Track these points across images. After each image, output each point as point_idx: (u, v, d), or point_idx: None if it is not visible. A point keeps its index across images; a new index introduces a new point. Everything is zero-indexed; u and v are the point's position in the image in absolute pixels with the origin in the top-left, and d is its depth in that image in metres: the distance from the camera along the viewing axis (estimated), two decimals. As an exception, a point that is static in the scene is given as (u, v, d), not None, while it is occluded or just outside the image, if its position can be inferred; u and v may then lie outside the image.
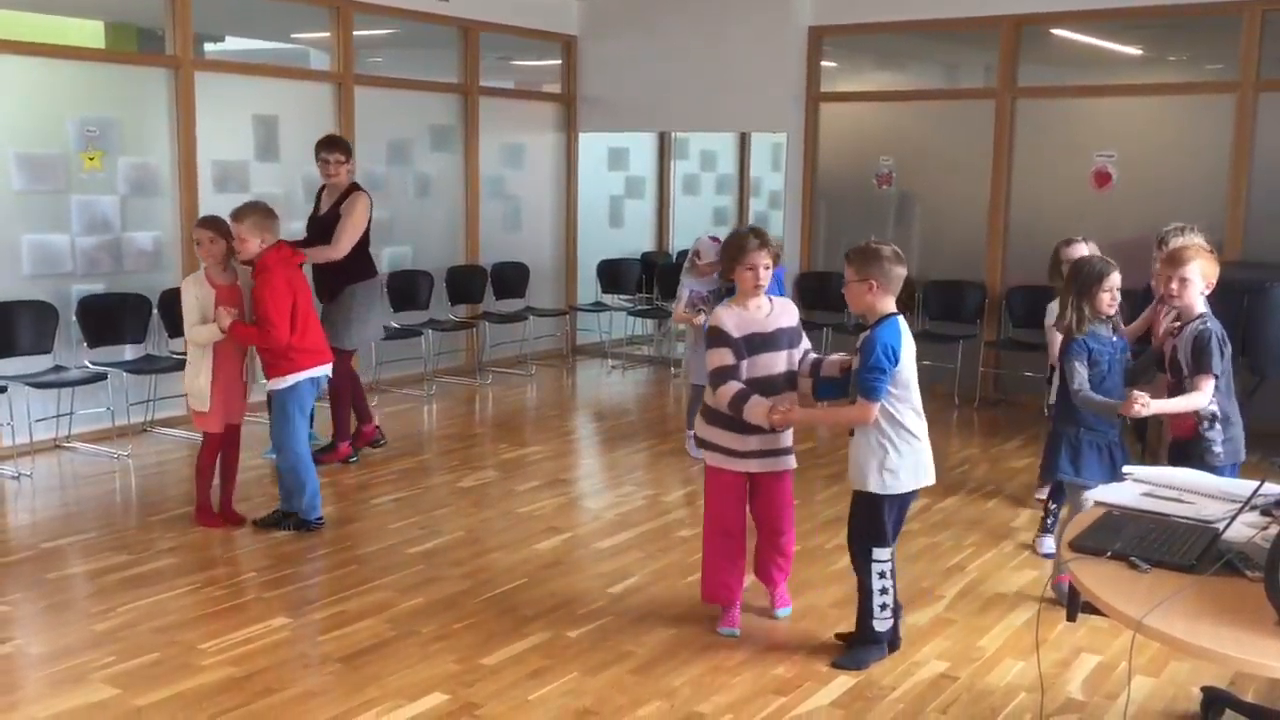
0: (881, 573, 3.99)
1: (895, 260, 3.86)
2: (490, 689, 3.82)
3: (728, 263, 4.18)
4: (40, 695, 3.73)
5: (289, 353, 5.19)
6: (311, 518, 5.37)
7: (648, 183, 11.72)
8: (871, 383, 3.80)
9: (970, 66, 9.51)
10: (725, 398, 4.01)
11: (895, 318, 3.85)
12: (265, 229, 5.15)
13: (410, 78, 9.24)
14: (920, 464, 3.96)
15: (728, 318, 4.08)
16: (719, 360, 4.05)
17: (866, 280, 3.86)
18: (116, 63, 7.47)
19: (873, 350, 3.79)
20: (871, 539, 4.00)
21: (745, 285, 4.13)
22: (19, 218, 6.68)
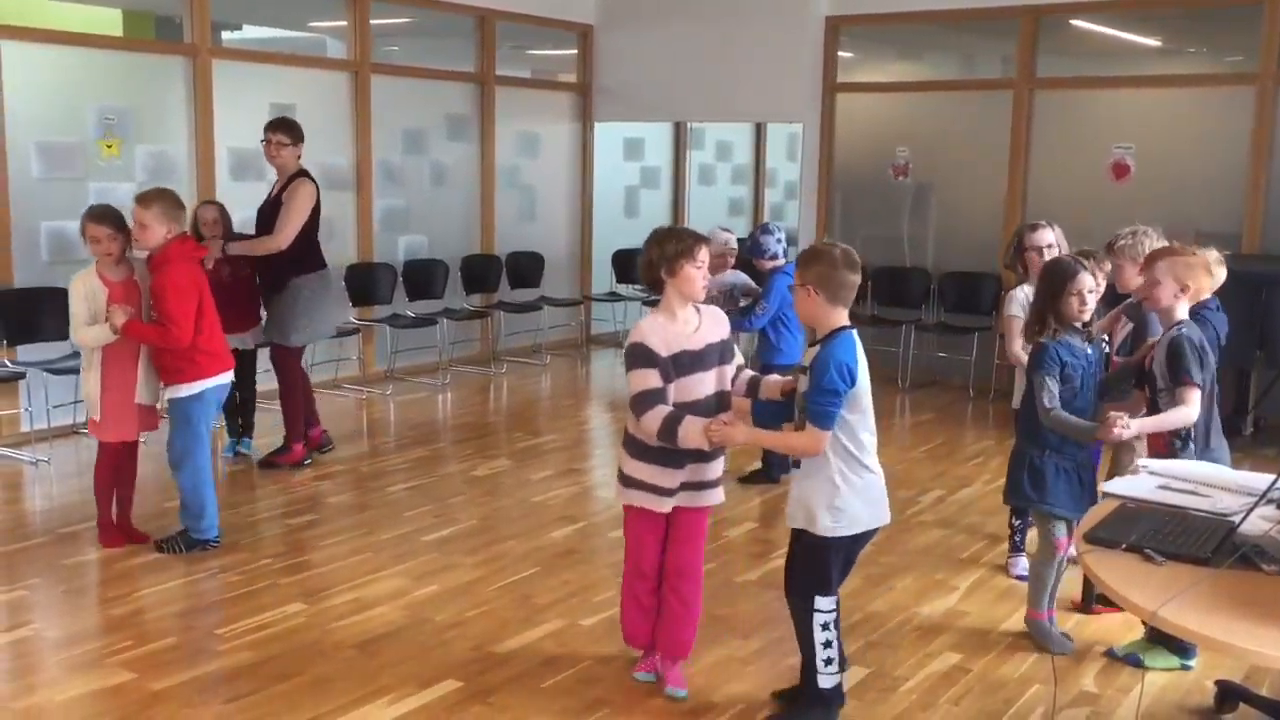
0: (825, 624, 3.48)
1: (843, 264, 3.31)
2: (504, 676, 3.83)
3: (671, 261, 3.46)
4: (57, 679, 3.76)
5: (193, 356, 4.70)
6: (209, 536, 4.90)
7: (663, 173, 11.70)
8: (823, 408, 3.28)
9: (988, 57, 9.46)
10: (653, 425, 3.42)
11: (848, 332, 3.35)
12: (173, 219, 4.68)
13: (426, 66, 9.24)
14: (874, 501, 3.45)
15: (653, 333, 3.47)
16: (643, 383, 3.45)
17: (805, 285, 3.35)
18: (135, 51, 7.50)
19: (825, 371, 3.26)
20: (815, 586, 3.48)
21: (691, 289, 3.50)
22: (39, 205, 6.72)
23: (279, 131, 6.04)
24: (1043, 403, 3.81)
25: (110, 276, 4.71)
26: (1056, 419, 3.80)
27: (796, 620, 3.55)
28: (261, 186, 7.82)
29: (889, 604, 4.55)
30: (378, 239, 8.66)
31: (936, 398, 8.34)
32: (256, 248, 5.96)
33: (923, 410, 8.03)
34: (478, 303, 9.38)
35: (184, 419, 4.81)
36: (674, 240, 3.49)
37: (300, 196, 5.95)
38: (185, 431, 4.81)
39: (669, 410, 3.43)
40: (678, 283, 3.49)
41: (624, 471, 3.67)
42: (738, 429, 3.45)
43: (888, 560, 5.03)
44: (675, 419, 3.41)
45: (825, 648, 3.49)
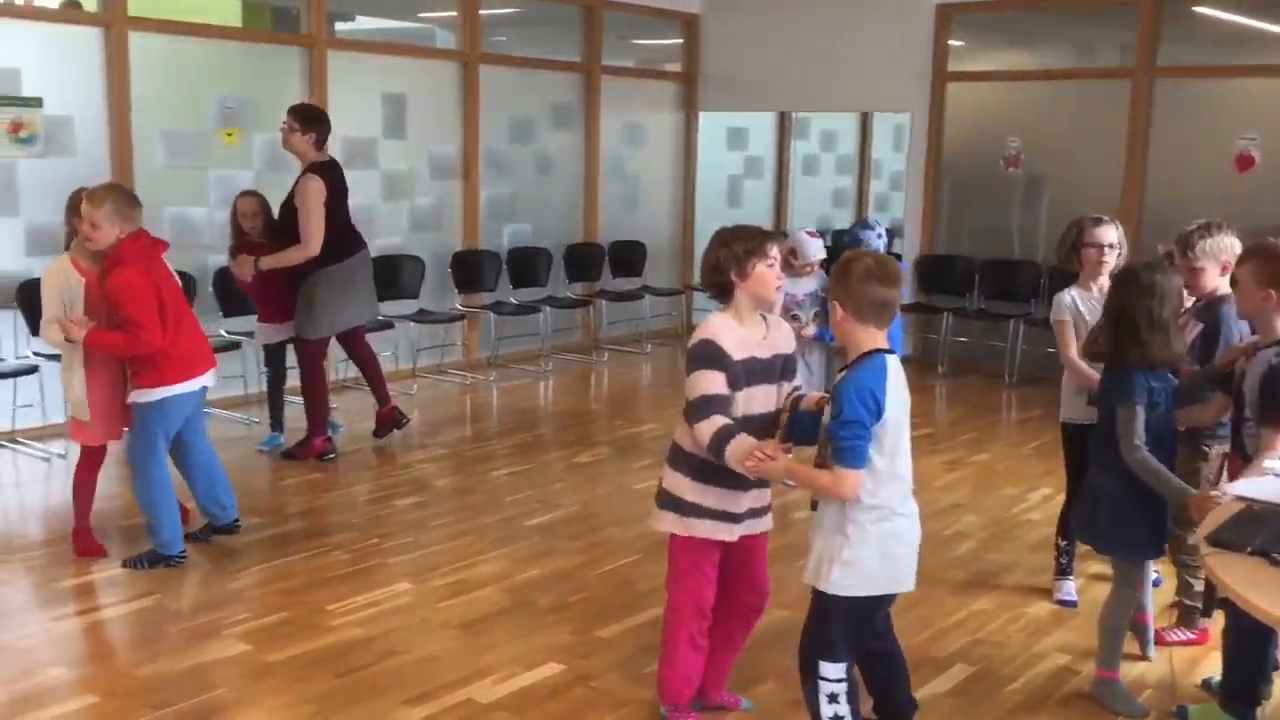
0: (833, 695, 3.03)
1: (870, 278, 2.89)
2: (605, 661, 3.87)
3: (742, 261, 3.11)
4: (178, 648, 3.90)
5: (157, 359, 4.38)
6: (172, 552, 4.57)
7: (767, 163, 11.63)
8: (846, 442, 2.83)
9: (1106, 45, 9.20)
10: (706, 434, 3.03)
11: (880, 357, 2.92)
12: (125, 217, 4.33)
13: (534, 56, 9.33)
14: (893, 558, 2.97)
15: (726, 332, 3.11)
16: (708, 386, 3.05)
17: (834, 300, 2.96)
18: (253, 41, 7.71)
19: (845, 399, 2.83)
20: (819, 650, 3.06)
21: (765, 289, 3.14)
22: (162, 191, 6.95)
23: (290, 116, 5.98)
24: (1130, 440, 3.37)
25: (87, 266, 4.44)
26: (1143, 465, 3.36)
27: (803, 690, 3.13)
28: (373, 175, 8.05)
29: (995, 602, 4.47)
30: (483, 227, 8.77)
31: (1045, 394, 8.13)
32: (288, 258, 5.86)
33: (1031, 407, 7.87)
34: (580, 291, 9.45)
35: (141, 426, 4.47)
36: (742, 239, 3.13)
37: (307, 196, 5.83)
38: (141, 440, 4.48)
39: (727, 423, 3.04)
40: (751, 284, 3.11)
41: (676, 495, 3.25)
42: (779, 463, 2.97)
43: (994, 558, 4.94)
44: (729, 434, 3.02)
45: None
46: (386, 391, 6.52)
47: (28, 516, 5.40)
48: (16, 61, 6.29)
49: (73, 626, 4.07)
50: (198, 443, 4.75)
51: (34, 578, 4.50)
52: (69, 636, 3.99)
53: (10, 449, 6.23)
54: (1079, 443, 4.22)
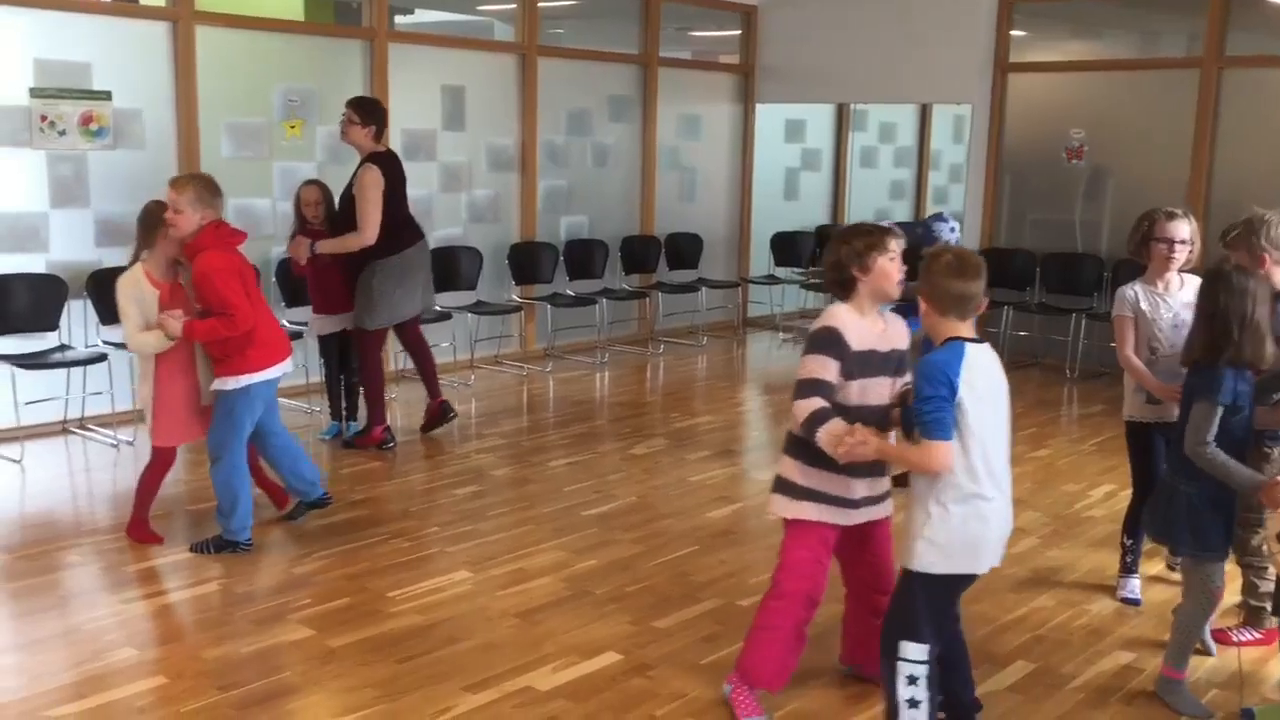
0: (912, 676, 3.06)
1: (949, 273, 3.00)
2: (663, 651, 3.88)
3: (862, 256, 3.21)
4: (244, 631, 3.97)
5: (243, 347, 4.50)
6: (241, 539, 4.66)
7: (824, 155, 11.57)
8: (929, 415, 2.92)
9: (1172, 35, 9.03)
10: (802, 412, 3.17)
11: (961, 343, 2.99)
12: (207, 204, 4.44)
13: (591, 49, 9.35)
14: (974, 539, 3.04)
15: (850, 323, 3.22)
16: (818, 370, 3.18)
17: (920, 293, 3.07)
18: (316, 35, 7.80)
19: (920, 376, 2.97)
20: (901, 629, 3.10)
21: (887, 283, 3.24)
22: (226, 183, 6.94)
23: (349, 108, 6.06)
24: (1199, 435, 3.34)
25: (158, 277, 4.53)
26: (1211, 460, 3.32)
27: (882, 668, 3.14)
28: (431, 167, 8.12)
29: (1056, 599, 4.43)
30: (541, 219, 8.81)
31: (1107, 390, 8.03)
32: (346, 245, 5.93)
33: (1092, 402, 7.76)
34: (636, 283, 9.47)
35: (226, 413, 4.58)
36: (862, 235, 3.24)
37: (365, 186, 5.89)
38: (225, 425, 4.58)
39: (825, 406, 3.16)
40: (873, 279, 3.22)
41: (787, 478, 3.37)
42: (870, 444, 3.09)
43: (1055, 555, 4.89)
44: (825, 416, 3.14)
45: (910, 707, 3.07)
46: (438, 385, 6.56)
47: (97, 502, 5.52)
48: (87, 56, 6.42)
49: (141, 609, 4.16)
50: (274, 426, 4.82)
51: (104, 561, 4.60)
52: (138, 619, 4.08)
53: (80, 436, 6.38)
54: (1143, 440, 4.17)
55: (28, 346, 6.16)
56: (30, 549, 4.71)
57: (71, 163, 6.41)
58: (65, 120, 6.34)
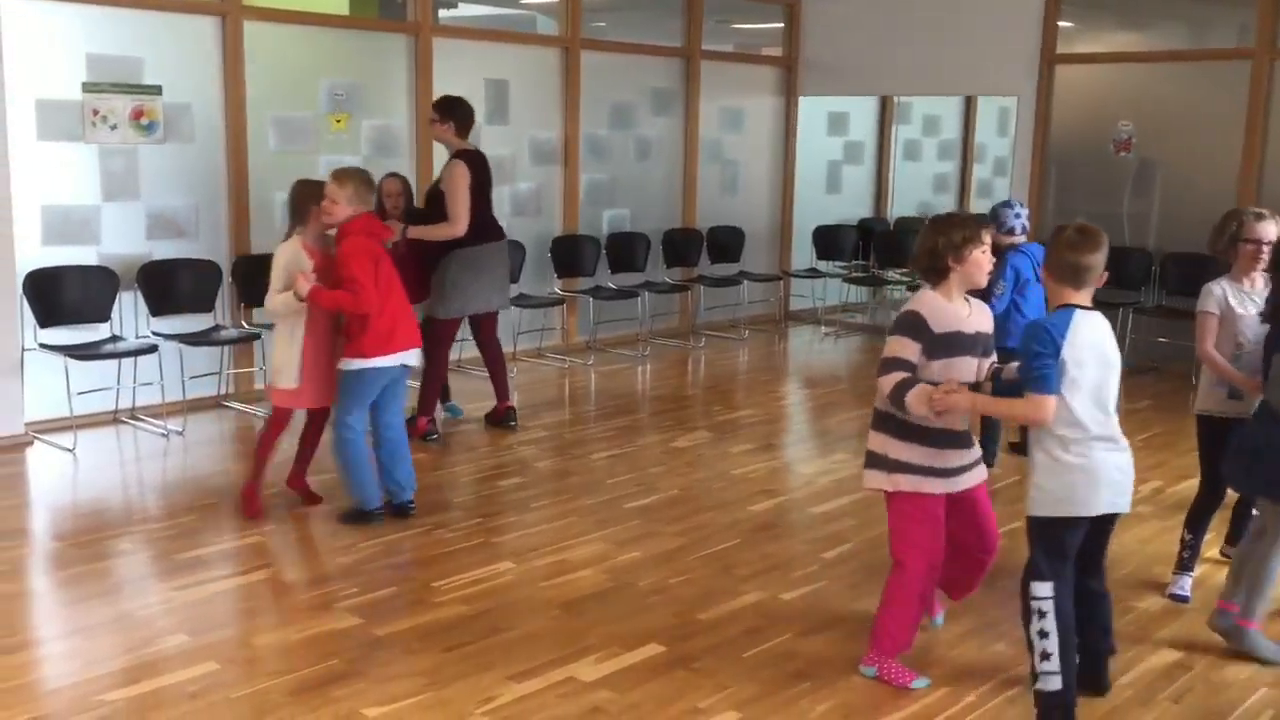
0: (1041, 612, 3.32)
1: (1070, 246, 3.29)
2: (706, 643, 3.89)
3: (959, 248, 3.44)
4: (292, 619, 4.03)
5: (362, 333, 4.78)
6: (370, 507, 4.94)
7: (867, 148, 11.51)
8: (1037, 371, 3.20)
9: (1223, 25, 8.89)
10: (887, 386, 3.42)
11: (1072, 309, 3.28)
12: (361, 199, 4.79)
13: (634, 42, 9.35)
14: (1079, 485, 3.28)
15: (934, 308, 3.45)
16: (899, 350, 3.43)
17: (1044, 266, 3.40)
18: (362, 29, 7.86)
19: (1026, 337, 3.28)
20: (1027, 571, 3.39)
21: (977, 276, 3.49)
22: (274, 177, 7.13)
23: (432, 109, 6.30)
24: None
25: (315, 246, 4.87)
26: None
27: (1022, 608, 3.42)
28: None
29: (1102, 595, 4.39)
30: (583, 212, 8.84)
31: (1155, 385, 7.95)
32: (435, 232, 6.06)
33: (1139, 397, 7.67)
34: (678, 276, 9.47)
35: (342, 391, 4.88)
36: (960, 227, 3.46)
37: (453, 180, 6.02)
38: (341, 404, 4.88)
39: (907, 375, 3.41)
40: (966, 268, 3.46)
41: (881, 453, 3.56)
42: (963, 395, 3.36)
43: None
44: (909, 384, 3.38)
45: (1041, 639, 3.32)
46: (507, 388, 6.62)
47: (148, 491, 5.61)
48: (139, 51, 6.51)
49: (192, 596, 4.22)
50: (390, 419, 5.00)
51: (155, 549, 4.68)
52: (188, 605, 4.14)
53: (131, 425, 6.48)
54: (1218, 435, 4.14)
55: (80, 337, 6.26)
56: (82, 537, 4.80)
57: (123, 156, 6.50)
58: (116, 114, 6.43)
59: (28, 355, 6.09)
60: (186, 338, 6.53)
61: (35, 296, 6.09)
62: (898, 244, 10.56)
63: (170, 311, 6.59)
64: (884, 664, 3.64)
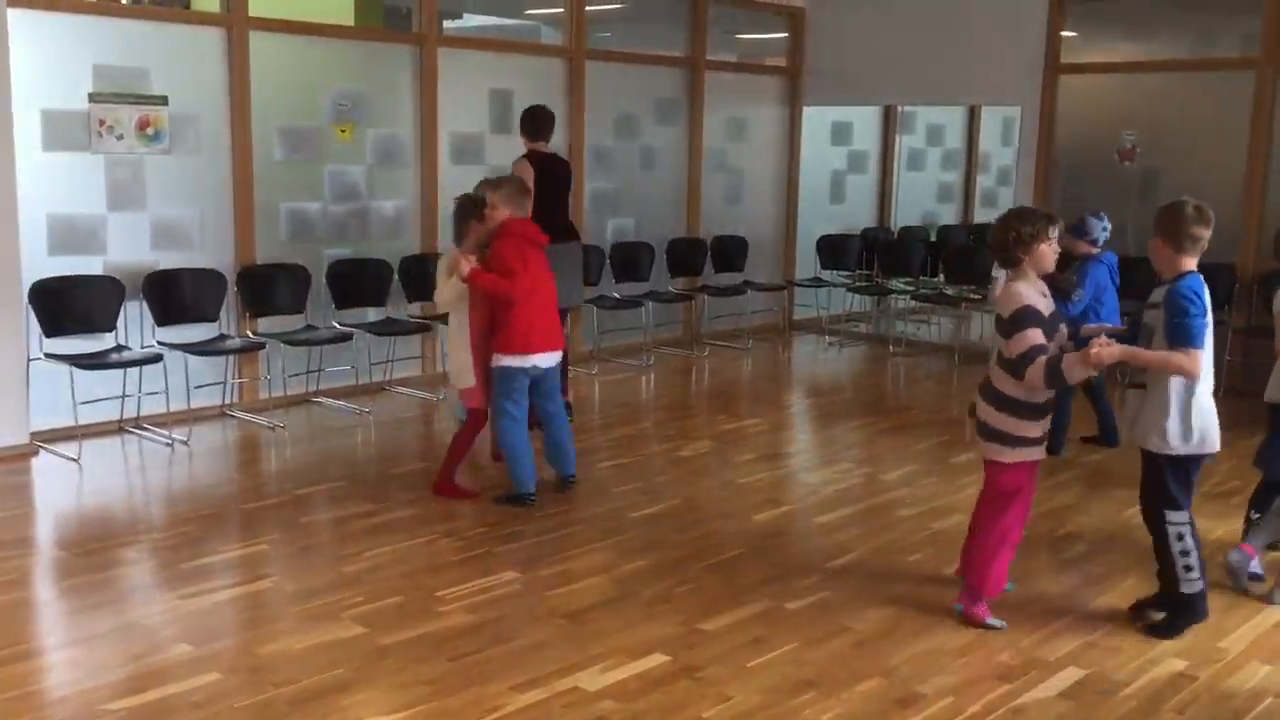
0: (1180, 534, 4.00)
1: (1191, 220, 3.90)
2: (711, 653, 3.88)
3: (1028, 242, 3.93)
4: (297, 628, 4.03)
5: (504, 332, 5.20)
6: (524, 491, 5.33)
7: (871, 157, 11.52)
8: (1187, 327, 3.79)
9: (1227, 35, 8.90)
10: (1039, 376, 3.83)
11: (1194, 274, 3.91)
12: (517, 204, 5.32)
13: (639, 51, 9.37)
14: (1203, 428, 3.93)
15: (1032, 296, 3.94)
16: (1030, 340, 3.86)
17: (1156, 236, 3.97)
18: (367, 40, 7.89)
19: (1179, 297, 3.82)
20: (1162, 502, 4.03)
21: (1047, 264, 4.00)
22: (280, 186, 7.16)
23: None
24: None
25: (475, 255, 5.29)
26: None
27: (1153, 534, 4.08)
28: (480, 171, 8.16)
29: (1109, 605, 4.38)
30: (588, 221, 8.85)
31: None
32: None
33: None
34: (682, 285, 9.48)
35: (494, 382, 5.34)
36: (1029, 221, 3.94)
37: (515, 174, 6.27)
38: (493, 395, 5.36)
39: (1049, 355, 3.84)
40: (1034, 259, 3.96)
41: (1004, 430, 4.02)
42: (1117, 347, 3.80)
43: (1110, 559, 4.84)
44: (1056, 360, 3.83)
45: (1183, 556, 4.00)
46: (567, 384, 6.75)
47: (152, 500, 5.62)
48: (145, 61, 6.53)
49: (196, 605, 4.22)
50: (548, 405, 5.53)
51: (159, 559, 4.69)
52: (193, 615, 4.14)
53: (136, 435, 6.49)
54: None
55: (85, 347, 6.27)
56: (86, 546, 4.80)
57: (129, 166, 6.52)
58: (123, 125, 6.46)
59: (33, 365, 6.10)
60: (192, 347, 6.54)
61: (41, 306, 6.10)
62: (902, 253, 10.56)
63: (175, 321, 6.60)
64: (976, 606, 4.13)
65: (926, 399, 8.07)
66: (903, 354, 9.71)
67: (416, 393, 7.57)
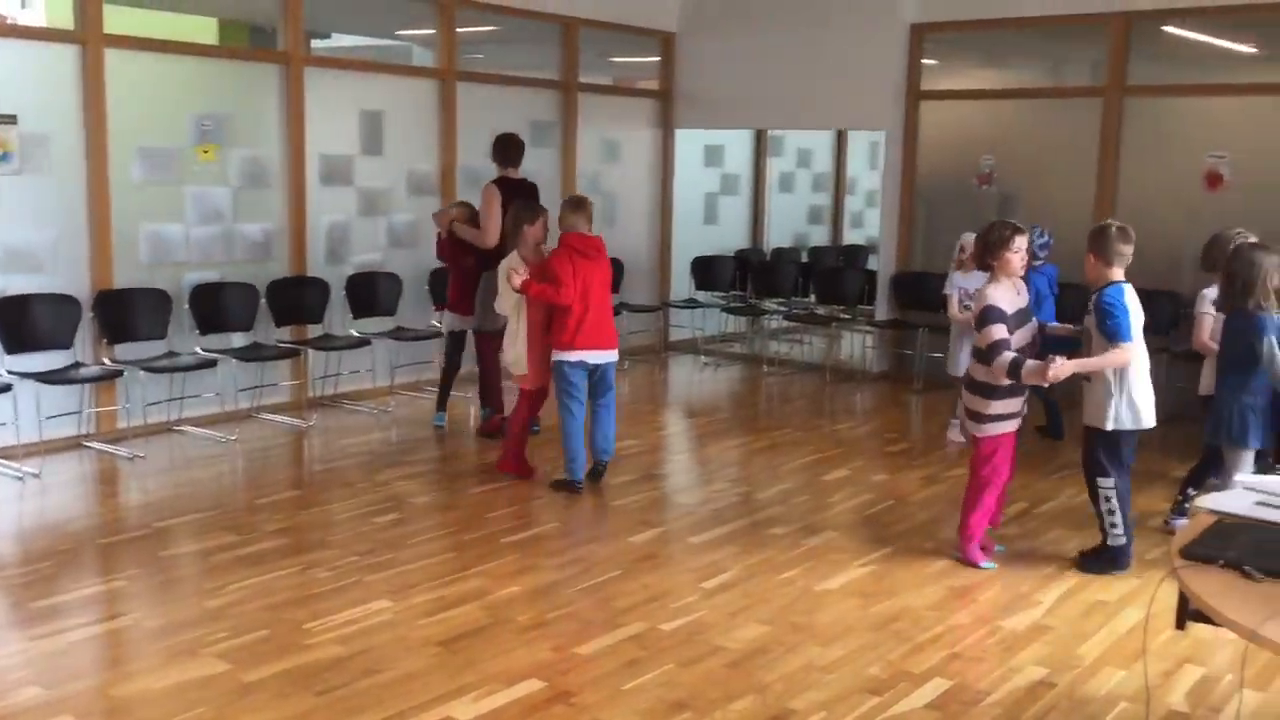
0: (1108, 497, 4.82)
1: (1116, 238, 4.67)
2: (585, 678, 3.87)
3: (995, 249, 4.73)
4: (156, 667, 3.88)
5: (557, 332, 5.89)
6: (573, 477, 6.02)
7: (743, 180, 11.71)
8: (1115, 326, 4.56)
9: (1077, 64, 9.32)
10: (1003, 367, 4.59)
11: (1121, 284, 4.68)
12: (568, 220, 5.96)
13: (511, 74, 9.35)
14: (1141, 408, 4.69)
15: (1000, 296, 4.69)
16: (997, 334, 4.62)
17: (1089, 252, 4.73)
18: (231, 59, 7.70)
19: (1106, 302, 4.60)
20: (1096, 470, 4.82)
21: (1012, 269, 4.74)
22: (139, 208, 6.93)
23: None
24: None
25: (530, 257, 6.02)
26: None
27: (1091, 495, 4.93)
28: (349, 192, 8.07)
29: (972, 616, 4.51)
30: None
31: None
32: (468, 232, 6.94)
33: (1005, 421, 7.92)
34: (558, 308, 9.45)
35: (554, 381, 6.04)
36: (995, 231, 4.79)
37: (484, 199, 6.89)
38: (556, 392, 6.03)
39: (1014, 355, 4.60)
40: (1001, 265, 4.75)
41: (982, 413, 4.83)
42: (1069, 364, 4.52)
43: (971, 572, 4.97)
44: (1019, 361, 4.59)
45: (1109, 515, 4.83)
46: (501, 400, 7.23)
47: (2, 537, 5.35)
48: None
49: (49, 646, 4.03)
50: (599, 399, 6.13)
51: (10, 597, 4.47)
52: (45, 656, 3.96)
53: (-16, 468, 6.19)
54: None
55: (-72, 377, 5.96)
56: (-70, 587, 4.55)
57: (-25, 188, 6.24)
58: (-32, 144, 6.17)
59: None
60: (43, 376, 6.27)
61: (-122, 334, 5.78)
62: (774, 274, 10.75)
63: (26, 349, 6.33)
64: (969, 551, 4.98)
65: (799, 418, 8.20)
66: (776, 373, 9.86)
67: (286, 419, 7.39)
